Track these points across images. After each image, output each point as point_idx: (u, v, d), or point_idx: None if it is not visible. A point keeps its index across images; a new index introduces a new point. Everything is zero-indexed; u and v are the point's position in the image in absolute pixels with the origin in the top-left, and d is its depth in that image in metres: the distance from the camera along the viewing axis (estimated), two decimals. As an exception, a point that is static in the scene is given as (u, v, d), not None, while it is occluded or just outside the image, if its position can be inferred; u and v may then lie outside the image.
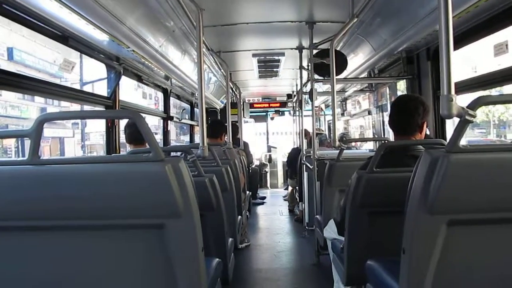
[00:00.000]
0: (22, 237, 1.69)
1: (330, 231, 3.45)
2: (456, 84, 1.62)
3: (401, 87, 5.45)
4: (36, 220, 1.66)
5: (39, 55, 13.96)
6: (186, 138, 11.91)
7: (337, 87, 4.78)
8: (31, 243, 1.69)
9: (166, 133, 6.43)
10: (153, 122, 7.01)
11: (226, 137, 6.16)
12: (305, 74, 6.89)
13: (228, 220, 3.36)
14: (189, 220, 1.65)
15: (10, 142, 12.50)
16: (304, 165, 6.26)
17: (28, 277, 1.70)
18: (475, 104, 1.55)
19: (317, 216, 4.73)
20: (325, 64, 5.00)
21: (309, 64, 5.33)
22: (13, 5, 2.58)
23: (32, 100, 14.52)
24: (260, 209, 9.55)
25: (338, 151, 4.13)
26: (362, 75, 6.03)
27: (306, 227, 6.48)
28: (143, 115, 2.47)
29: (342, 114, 9.68)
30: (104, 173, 1.64)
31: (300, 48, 6.25)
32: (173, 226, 1.64)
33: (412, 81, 4.85)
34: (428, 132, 4.33)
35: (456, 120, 1.60)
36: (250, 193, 8.90)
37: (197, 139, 8.51)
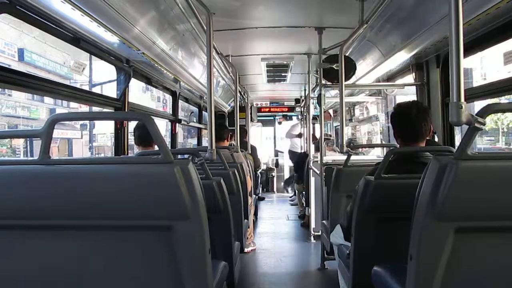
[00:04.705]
0: (32, 236, 1.71)
1: (337, 236, 3.44)
2: (465, 91, 1.62)
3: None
4: (46, 219, 1.67)
5: (49, 56, 14.07)
6: (193, 141, 11.95)
7: (346, 92, 4.78)
8: (41, 242, 1.70)
9: (174, 135, 6.44)
10: (161, 125, 7.03)
11: (233, 140, 6.17)
12: (313, 79, 6.89)
13: (234, 223, 3.36)
14: (197, 222, 1.66)
15: (19, 142, 12.59)
16: (311, 170, 6.26)
17: (37, 275, 1.71)
18: (484, 112, 1.55)
19: (324, 221, 4.73)
20: (334, 69, 5.00)
21: (318, 69, 5.34)
22: (26, 7, 2.61)
23: (42, 101, 14.63)
24: (266, 213, 9.54)
25: (345, 157, 4.12)
26: (371, 81, 6.03)
27: (313, 232, 6.47)
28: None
29: (350, 120, 9.66)
30: (114, 174, 1.66)
31: (309, 53, 6.26)
32: (181, 228, 1.65)
33: (421, 87, 4.84)
34: (436, 139, 4.33)
35: (465, 127, 1.59)
36: (257, 197, 8.89)
37: (205, 142, 8.56)
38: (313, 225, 6.47)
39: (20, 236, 1.71)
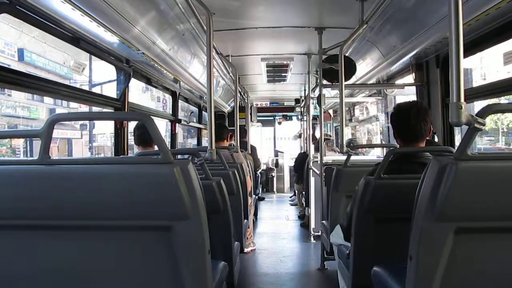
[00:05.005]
0: (32, 236, 1.71)
1: (337, 236, 3.44)
2: (465, 91, 1.61)
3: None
4: (46, 219, 1.67)
5: (49, 56, 14.05)
6: (193, 141, 11.94)
7: (345, 92, 4.78)
8: (41, 242, 1.70)
9: (173, 135, 6.44)
10: (160, 125, 7.02)
11: (233, 140, 6.16)
12: (313, 79, 6.89)
13: (234, 223, 3.36)
14: (197, 222, 1.66)
15: (19, 142, 12.59)
16: (311, 170, 6.26)
17: (37, 275, 1.71)
18: (484, 112, 1.55)
19: (324, 222, 4.73)
20: (334, 69, 5.00)
21: (318, 70, 5.34)
22: (26, 7, 2.61)
23: (42, 101, 14.63)
24: (266, 214, 9.54)
25: (345, 157, 4.13)
26: (371, 81, 6.03)
27: (312, 232, 6.48)
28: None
29: (350, 120, 9.66)
30: (114, 174, 1.66)
31: (309, 54, 6.26)
32: (181, 228, 1.65)
33: (421, 88, 4.84)
34: (436, 139, 4.33)
35: (465, 127, 1.59)
36: (257, 197, 8.88)
37: (205, 142, 8.56)
38: (313, 225, 6.47)
39: (20, 236, 1.71)
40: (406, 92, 5.71)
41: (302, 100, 10.46)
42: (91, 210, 1.67)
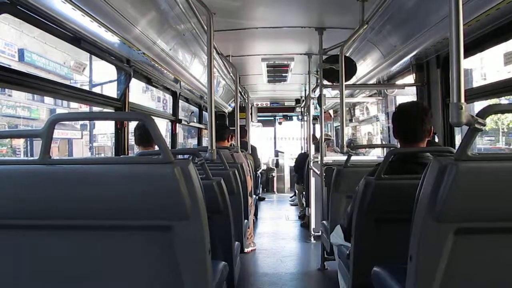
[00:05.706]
0: (32, 236, 1.71)
1: (337, 237, 3.44)
2: (465, 92, 1.61)
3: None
4: (46, 219, 1.67)
5: (49, 57, 14.05)
6: (193, 142, 11.94)
7: (346, 93, 4.77)
8: (41, 242, 1.70)
9: (174, 135, 6.44)
10: (161, 125, 7.01)
11: (233, 140, 6.16)
12: (313, 79, 6.89)
13: (234, 223, 3.36)
14: (197, 222, 1.66)
15: (19, 142, 12.60)
16: (311, 171, 6.26)
17: (38, 275, 1.71)
18: (485, 113, 1.55)
19: (324, 222, 4.73)
20: (334, 70, 5.00)
21: (318, 70, 5.34)
22: (27, 7, 2.61)
23: (42, 101, 14.64)
24: (266, 214, 9.54)
25: (345, 157, 4.13)
26: (371, 82, 6.02)
27: (313, 233, 6.48)
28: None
29: (350, 120, 9.66)
30: (114, 174, 1.66)
31: (309, 54, 6.26)
32: (181, 228, 1.65)
33: (421, 88, 4.84)
34: (436, 140, 4.33)
35: (465, 128, 1.59)
36: (257, 197, 8.87)
37: (205, 142, 8.56)
38: (313, 225, 6.47)
39: (20, 236, 1.71)
40: (406, 93, 5.71)
41: (303, 100, 10.45)
42: (91, 210, 1.67)
